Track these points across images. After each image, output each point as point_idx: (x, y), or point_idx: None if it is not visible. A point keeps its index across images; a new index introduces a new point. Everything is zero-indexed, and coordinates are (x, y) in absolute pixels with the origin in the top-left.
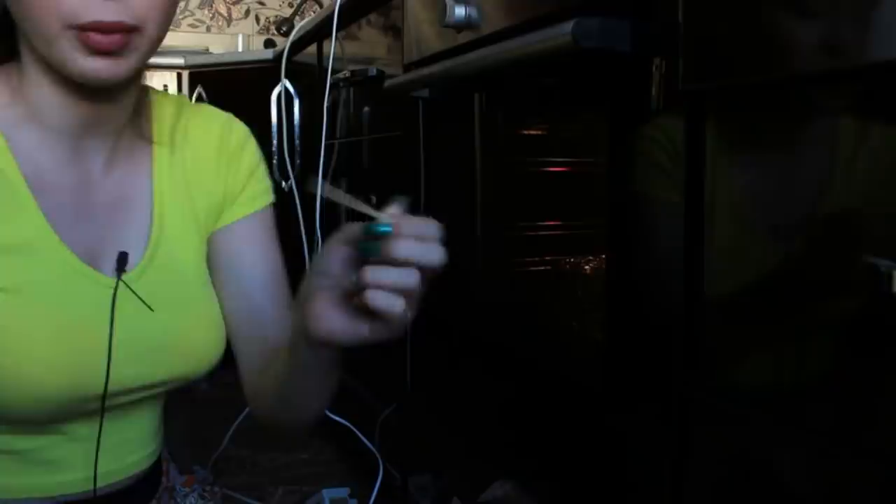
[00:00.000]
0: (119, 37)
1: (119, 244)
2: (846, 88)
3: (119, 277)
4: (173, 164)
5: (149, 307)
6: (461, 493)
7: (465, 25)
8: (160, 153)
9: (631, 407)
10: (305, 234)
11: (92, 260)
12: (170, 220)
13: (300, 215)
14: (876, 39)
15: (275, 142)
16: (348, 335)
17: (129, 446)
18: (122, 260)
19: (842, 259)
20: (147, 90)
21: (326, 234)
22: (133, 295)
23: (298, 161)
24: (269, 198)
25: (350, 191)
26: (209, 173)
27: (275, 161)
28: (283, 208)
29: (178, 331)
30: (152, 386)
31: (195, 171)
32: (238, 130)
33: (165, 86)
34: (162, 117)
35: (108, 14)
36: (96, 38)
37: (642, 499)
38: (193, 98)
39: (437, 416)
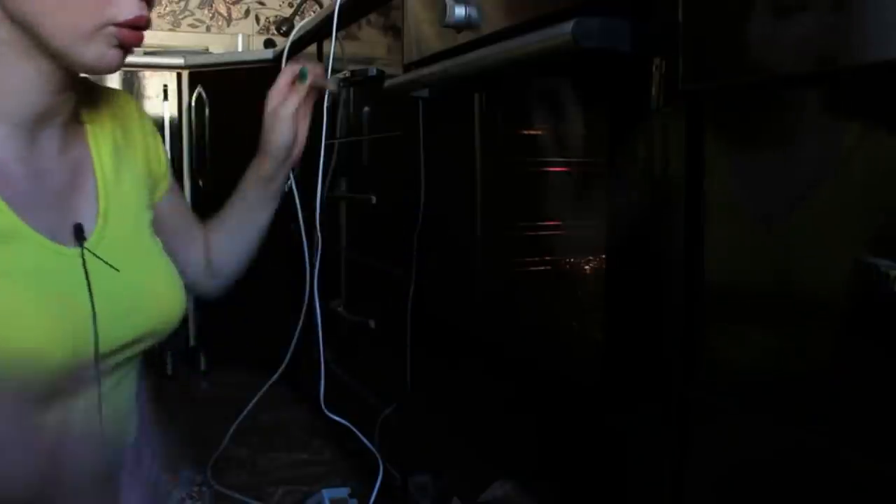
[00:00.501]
0: (143, 33)
1: (75, 218)
2: (846, 88)
3: (81, 246)
4: (105, 137)
5: (114, 268)
6: (461, 493)
7: (465, 25)
8: (93, 130)
9: (631, 407)
10: (306, 234)
11: (57, 237)
12: (113, 187)
13: (300, 215)
14: (876, 39)
15: None
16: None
17: (120, 420)
18: (79, 231)
19: (842, 259)
20: None
21: (326, 233)
22: (99, 260)
23: None
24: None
25: (350, 190)
26: (134, 143)
27: None
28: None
29: (144, 285)
30: (133, 343)
31: (125, 141)
32: (139, 105)
33: (165, 86)
34: (89, 98)
35: (144, 11)
36: (131, 34)
37: (642, 499)
38: (193, 98)
39: (438, 416)
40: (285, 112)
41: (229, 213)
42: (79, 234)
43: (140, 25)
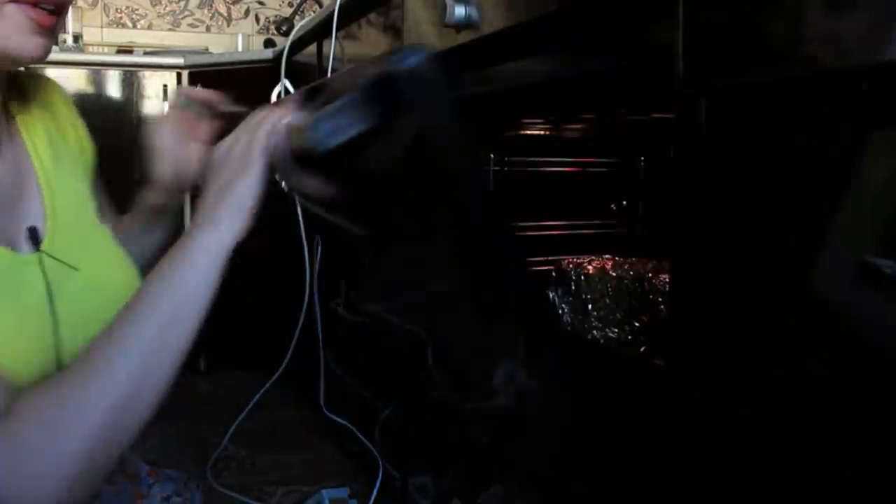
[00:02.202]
0: (56, 16)
1: (26, 221)
2: (847, 88)
3: (38, 250)
4: (37, 130)
5: (73, 268)
6: (461, 494)
7: (465, 25)
8: (24, 123)
9: (631, 406)
10: (305, 233)
11: (14, 245)
12: (55, 182)
13: (300, 215)
14: (877, 39)
15: None
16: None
17: None
18: (34, 234)
19: (843, 259)
20: None
21: (327, 233)
22: (57, 262)
23: None
24: None
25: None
26: (65, 130)
27: None
28: (283, 208)
29: (103, 280)
30: None
31: (57, 130)
32: (62, 89)
33: (165, 86)
34: (13, 89)
35: None
36: (40, 13)
37: (643, 499)
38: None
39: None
40: (162, 143)
41: (127, 226)
42: (34, 238)
43: (44, 4)
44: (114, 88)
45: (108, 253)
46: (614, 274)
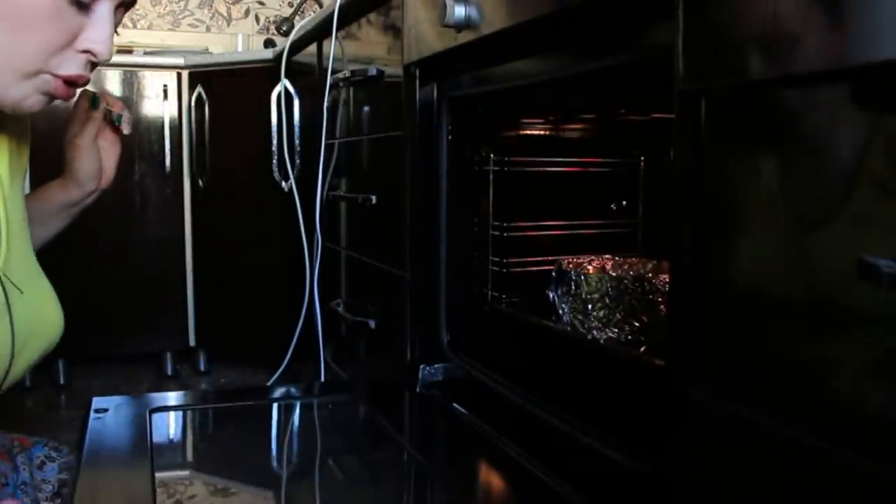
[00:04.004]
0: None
1: None
2: (847, 88)
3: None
4: (4, 148)
5: (20, 290)
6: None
7: (465, 25)
8: None
9: (629, 406)
10: (305, 234)
11: None
12: (10, 203)
13: (300, 215)
14: (877, 39)
15: (275, 142)
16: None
17: None
18: None
19: (843, 259)
20: None
21: (327, 233)
22: (9, 281)
23: (298, 161)
24: None
25: (350, 190)
26: (21, 147)
27: (275, 161)
28: (283, 208)
29: (40, 306)
30: (31, 367)
31: (16, 149)
32: None
33: (165, 86)
34: None
35: (86, 72)
36: (65, 89)
37: (642, 499)
38: (193, 98)
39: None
40: (82, 141)
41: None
42: None
43: (78, 83)
44: (114, 88)
45: (42, 284)
46: (614, 274)
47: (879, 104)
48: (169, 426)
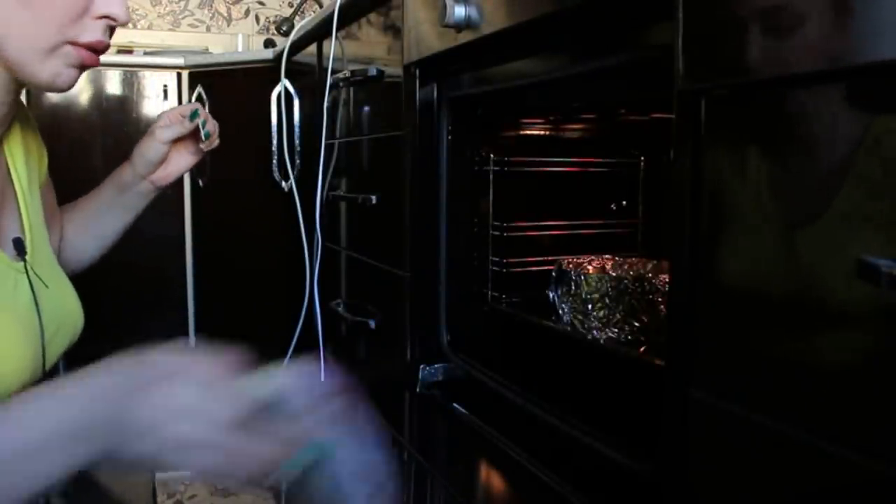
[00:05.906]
0: (100, 58)
1: (10, 232)
2: (847, 88)
3: (24, 260)
4: (17, 145)
5: (45, 284)
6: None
7: (465, 25)
8: (6, 138)
9: (629, 406)
10: (305, 234)
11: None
12: (29, 199)
13: (300, 215)
14: (877, 39)
15: (275, 142)
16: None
17: None
18: (19, 245)
19: (842, 258)
20: None
21: (327, 233)
22: (36, 275)
23: (298, 161)
24: None
25: (350, 190)
26: (31, 146)
27: (275, 161)
28: (283, 208)
29: (63, 300)
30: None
31: (30, 146)
32: (23, 105)
33: (165, 86)
34: None
35: (106, 37)
36: (90, 56)
37: (642, 499)
38: (193, 98)
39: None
40: (162, 135)
41: (83, 205)
42: (19, 249)
43: (99, 49)
44: (114, 88)
45: (62, 276)
46: (614, 274)
47: (880, 104)
48: None
